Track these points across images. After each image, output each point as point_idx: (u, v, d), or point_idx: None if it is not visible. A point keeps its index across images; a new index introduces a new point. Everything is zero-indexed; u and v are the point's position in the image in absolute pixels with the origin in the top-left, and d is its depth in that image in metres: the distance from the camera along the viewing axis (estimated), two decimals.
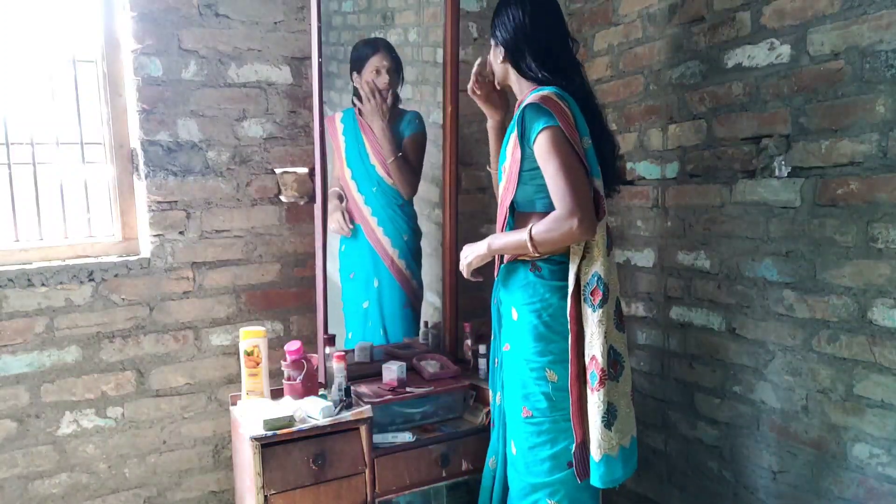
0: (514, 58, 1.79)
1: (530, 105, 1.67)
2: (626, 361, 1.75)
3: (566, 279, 1.71)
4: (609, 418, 1.67)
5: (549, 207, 1.70)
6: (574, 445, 1.71)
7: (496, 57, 1.84)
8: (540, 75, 1.75)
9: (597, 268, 1.67)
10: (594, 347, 1.67)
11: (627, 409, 1.74)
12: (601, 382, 1.66)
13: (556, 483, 1.74)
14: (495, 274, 1.94)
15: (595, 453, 1.68)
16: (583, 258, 1.69)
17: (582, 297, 1.69)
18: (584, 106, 1.75)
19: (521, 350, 1.77)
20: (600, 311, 1.66)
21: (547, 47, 1.76)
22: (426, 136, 2.40)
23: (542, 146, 1.64)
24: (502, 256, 1.89)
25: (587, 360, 1.69)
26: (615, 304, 1.73)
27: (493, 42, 1.85)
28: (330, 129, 2.30)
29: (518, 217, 1.82)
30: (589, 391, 1.69)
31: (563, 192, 1.61)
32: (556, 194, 1.62)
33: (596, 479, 1.69)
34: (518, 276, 1.79)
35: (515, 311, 1.79)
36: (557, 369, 1.72)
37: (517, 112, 1.73)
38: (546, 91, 1.70)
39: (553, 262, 1.73)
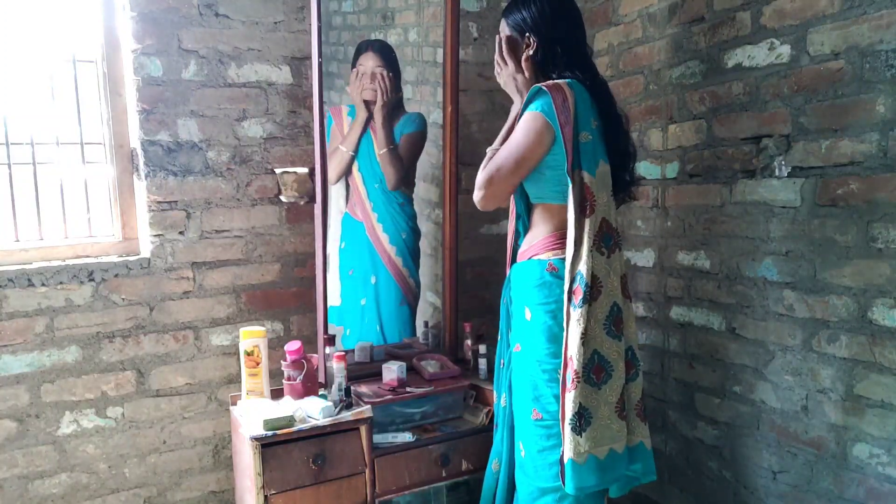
0: (546, 52, 1.75)
1: (537, 87, 1.69)
2: (617, 371, 1.69)
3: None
4: (579, 423, 1.63)
5: (561, 200, 1.71)
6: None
7: (519, 50, 1.78)
8: (564, 72, 1.73)
9: (580, 266, 1.64)
10: (571, 347, 1.64)
11: (608, 420, 1.67)
12: (573, 383, 1.62)
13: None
14: (506, 272, 1.93)
15: (564, 455, 1.65)
16: (574, 255, 1.66)
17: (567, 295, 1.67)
18: (599, 104, 1.73)
19: (534, 351, 1.74)
20: (579, 310, 1.63)
21: (576, 41, 1.77)
22: (425, 137, 2.40)
23: (519, 123, 1.71)
24: (514, 256, 1.89)
25: (566, 359, 1.65)
26: (609, 308, 1.67)
27: (515, 34, 1.78)
28: (336, 119, 2.31)
29: (532, 208, 1.83)
30: (565, 391, 1.65)
31: (493, 165, 1.71)
32: (492, 161, 1.72)
33: (567, 482, 1.65)
34: (533, 275, 1.75)
35: (529, 310, 1.76)
36: None
37: (527, 96, 1.72)
38: (558, 80, 1.70)
39: None
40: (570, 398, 1.63)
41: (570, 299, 1.65)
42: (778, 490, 1.98)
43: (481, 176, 1.73)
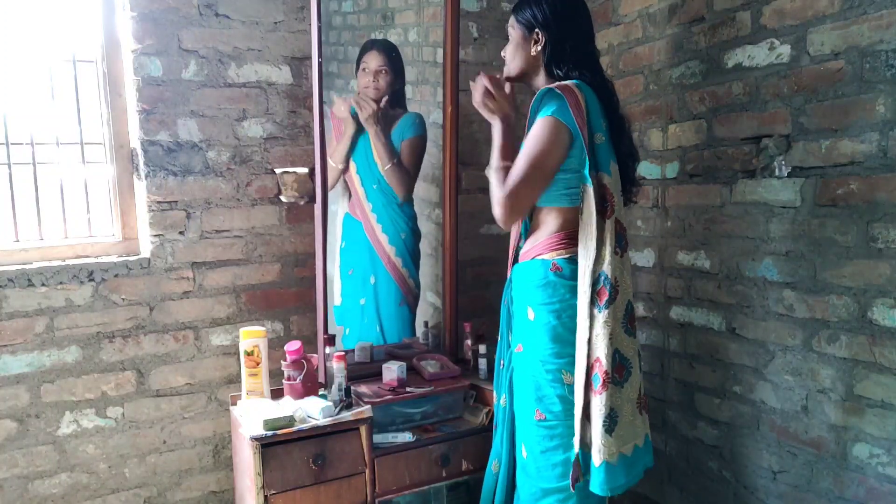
0: (554, 49, 1.73)
1: (546, 89, 1.67)
2: (635, 368, 1.71)
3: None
4: (610, 424, 1.64)
5: (567, 203, 1.71)
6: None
7: (526, 46, 1.78)
8: (571, 71, 1.72)
9: (604, 267, 1.65)
10: (599, 349, 1.64)
11: (631, 417, 1.69)
12: (604, 385, 1.63)
13: (568, 488, 1.70)
14: (508, 273, 1.92)
15: (595, 458, 1.65)
16: (596, 257, 1.66)
17: (590, 297, 1.66)
18: (606, 104, 1.73)
19: (537, 351, 1.74)
20: (606, 311, 1.64)
21: (585, 41, 1.76)
22: (426, 140, 2.40)
23: (534, 129, 1.67)
24: (516, 255, 1.88)
25: (592, 361, 1.66)
26: (625, 308, 1.69)
27: (523, 30, 1.77)
28: (335, 121, 2.30)
29: (535, 211, 1.80)
30: (592, 394, 1.66)
31: (513, 177, 1.65)
32: (510, 174, 1.66)
33: (596, 486, 1.65)
34: (536, 275, 1.74)
35: (532, 310, 1.75)
36: (574, 371, 1.69)
37: (535, 98, 1.71)
38: (567, 81, 1.69)
39: (574, 261, 1.69)
40: (600, 401, 1.64)
41: (593, 302, 1.65)
42: (778, 490, 1.98)
43: (501, 192, 1.66)
